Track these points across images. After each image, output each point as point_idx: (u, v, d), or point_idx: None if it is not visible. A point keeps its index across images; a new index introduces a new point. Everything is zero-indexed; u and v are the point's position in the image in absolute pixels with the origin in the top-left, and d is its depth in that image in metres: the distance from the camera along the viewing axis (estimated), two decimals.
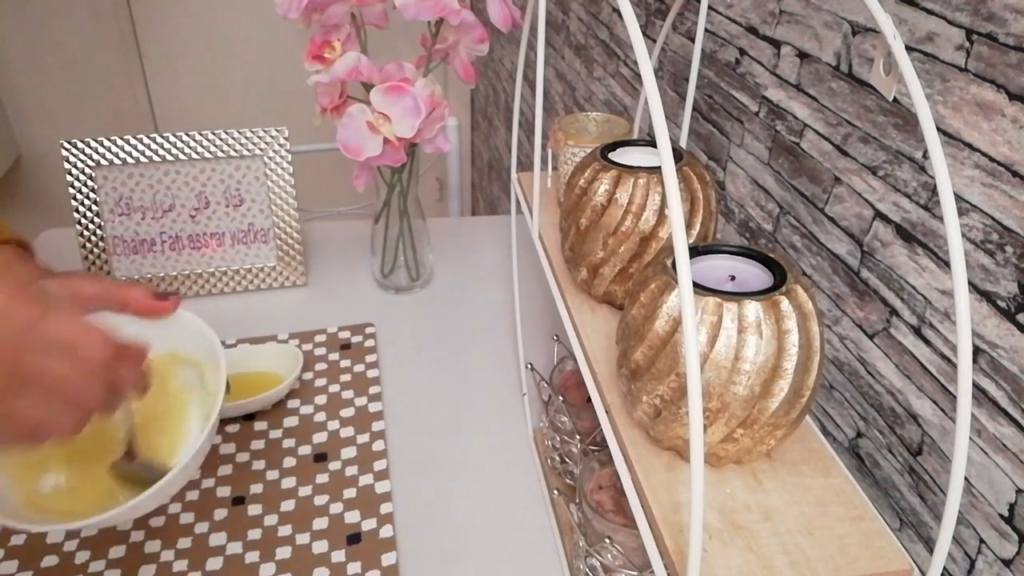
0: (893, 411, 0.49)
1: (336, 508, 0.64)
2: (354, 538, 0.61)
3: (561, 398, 0.61)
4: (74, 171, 0.88)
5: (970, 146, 0.41)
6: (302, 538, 0.61)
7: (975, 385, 0.42)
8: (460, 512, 0.65)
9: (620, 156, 0.51)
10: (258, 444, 0.70)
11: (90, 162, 0.87)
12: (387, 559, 0.59)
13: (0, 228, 0.59)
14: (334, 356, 0.82)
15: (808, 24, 0.55)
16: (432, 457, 0.70)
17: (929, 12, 0.43)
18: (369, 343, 0.84)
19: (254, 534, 0.61)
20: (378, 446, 0.70)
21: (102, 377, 0.46)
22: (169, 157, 0.88)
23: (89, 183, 0.88)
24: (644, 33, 0.87)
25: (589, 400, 0.50)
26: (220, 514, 0.63)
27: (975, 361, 0.42)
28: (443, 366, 0.82)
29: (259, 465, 0.68)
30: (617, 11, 0.96)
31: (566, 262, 0.53)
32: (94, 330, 0.46)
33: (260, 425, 0.72)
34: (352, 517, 0.63)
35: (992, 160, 0.40)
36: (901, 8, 0.45)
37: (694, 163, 0.49)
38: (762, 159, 0.63)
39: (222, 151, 0.89)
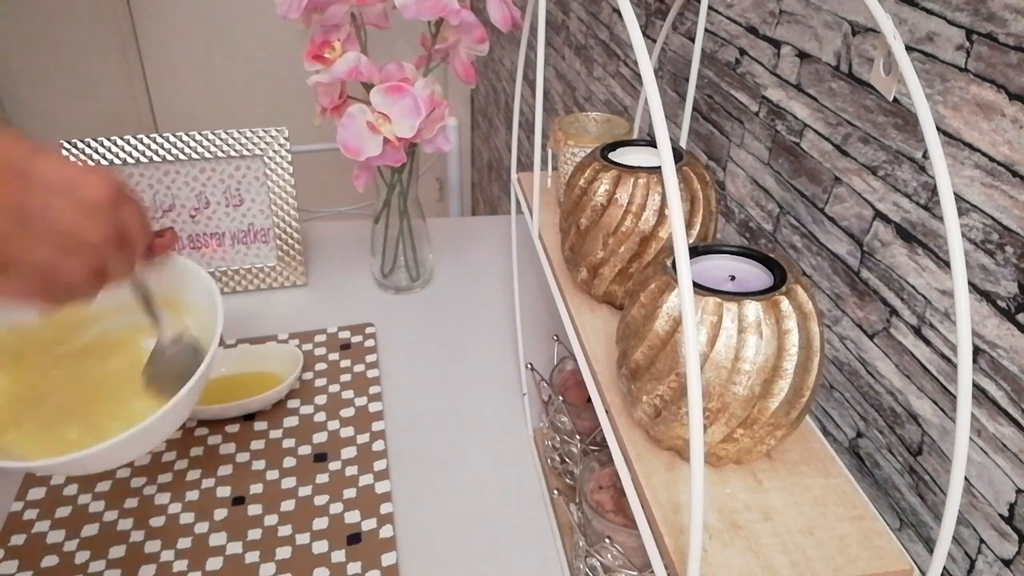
0: (893, 411, 0.49)
1: (336, 508, 0.64)
2: (354, 538, 0.61)
3: (561, 398, 0.61)
4: None
5: (970, 146, 0.41)
6: (302, 538, 0.61)
7: (975, 385, 0.42)
8: (460, 512, 0.65)
9: (620, 156, 0.51)
10: (258, 444, 0.70)
11: (90, 162, 0.87)
12: (387, 559, 0.59)
13: None
14: (334, 356, 0.82)
15: (808, 24, 0.55)
16: (432, 457, 0.70)
17: (929, 12, 0.43)
18: (369, 343, 0.84)
19: (254, 534, 0.61)
20: (378, 446, 0.70)
21: (106, 218, 0.43)
22: (169, 157, 0.88)
23: None
24: (644, 33, 0.87)
25: (589, 400, 0.50)
26: (220, 514, 0.63)
27: (975, 361, 0.42)
28: (443, 366, 0.82)
29: (259, 465, 0.68)
30: (617, 11, 0.96)
31: (566, 262, 0.53)
32: (92, 168, 0.43)
33: (260, 425, 0.72)
34: (352, 517, 0.63)
35: (992, 160, 0.40)
36: (901, 8, 0.45)
37: (694, 163, 0.49)
38: (762, 159, 0.63)
39: (222, 151, 0.89)
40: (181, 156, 0.89)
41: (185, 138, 0.88)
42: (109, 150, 0.87)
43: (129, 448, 0.48)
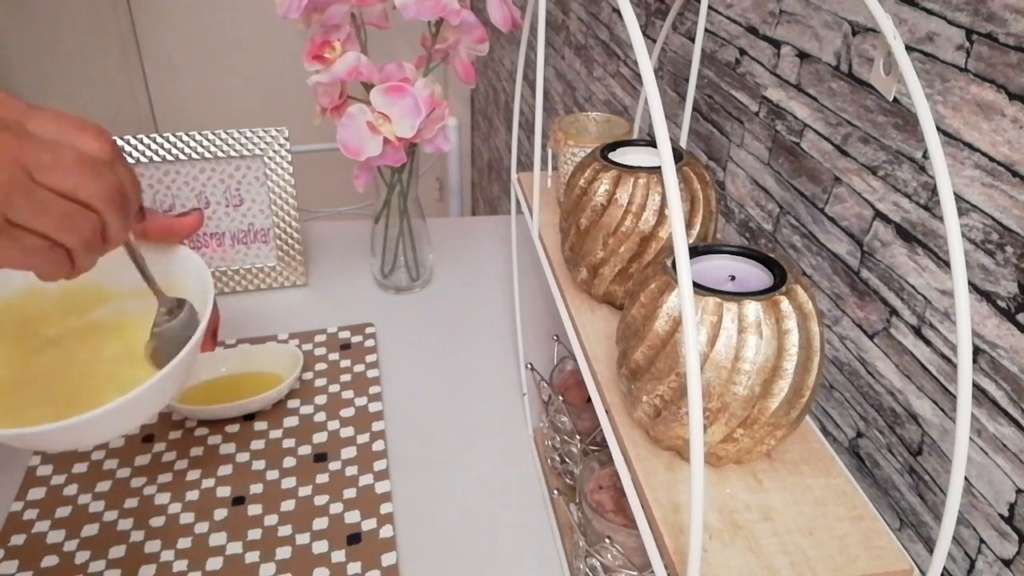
0: (893, 411, 0.49)
1: (336, 508, 0.64)
2: (354, 538, 0.61)
3: (561, 398, 0.61)
4: None
5: (970, 146, 0.41)
6: (302, 538, 0.61)
7: (975, 385, 0.42)
8: (460, 512, 0.65)
9: (620, 156, 0.51)
10: (258, 444, 0.70)
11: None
12: (387, 559, 0.59)
13: None
14: (334, 356, 0.82)
15: (808, 24, 0.55)
16: (432, 457, 0.70)
17: (929, 12, 0.43)
18: (369, 343, 0.84)
19: (254, 534, 0.61)
20: (378, 446, 0.70)
21: (106, 174, 0.42)
22: (169, 157, 0.88)
23: None
24: (644, 33, 0.87)
25: (589, 400, 0.50)
26: (220, 514, 0.63)
27: (975, 361, 0.42)
28: (443, 366, 0.83)
29: (259, 465, 0.68)
30: (617, 11, 0.96)
31: (566, 262, 0.53)
32: (85, 122, 0.42)
33: (260, 425, 0.72)
34: (352, 517, 0.63)
35: (992, 160, 0.40)
36: (901, 8, 0.45)
37: (694, 163, 0.49)
38: (762, 159, 0.63)
39: (222, 151, 0.89)
40: (181, 156, 0.89)
41: (185, 138, 0.88)
42: None
43: (92, 430, 0.46)
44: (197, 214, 0.54)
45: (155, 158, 0.88)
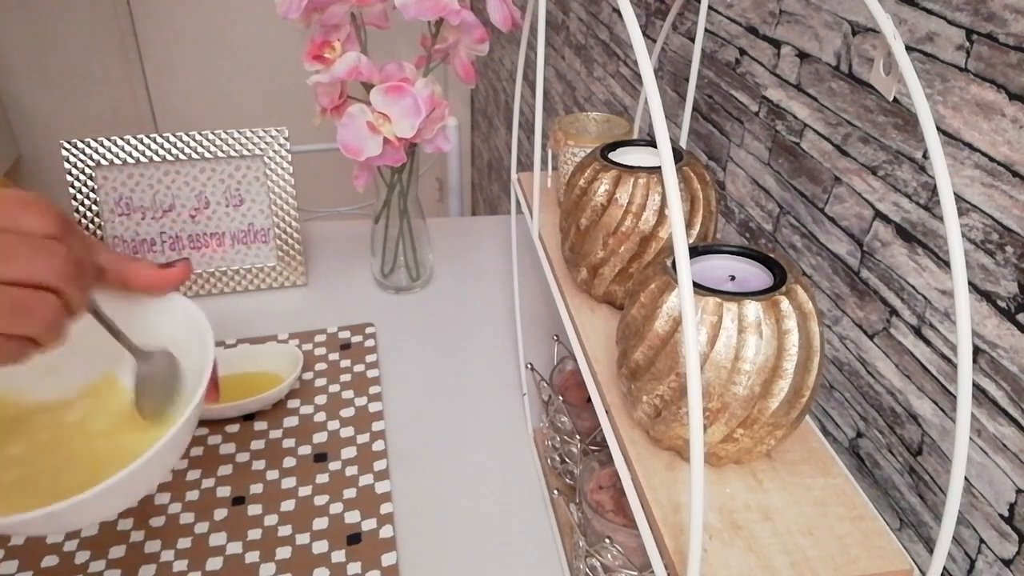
0: (893, 411, 0.49)
1: (336, 508, 0.64)
2: (354, 538, 0.61)
3: (561, 398, 0.61)
4: (74, 171, 0.88)
5: (970, 146, 0.41)
6: (302, 538, 0.61)
7: (975, 385, 0.42)
8: (460, 512, 0.65)
9: (620, 156, 0.51)
10: (258, 444, 0.70)
11: (90, 162, 0.87)
12: (387, 559, 0.59)
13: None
14: (334, 356, 0.82)
15: (808, 24, 0.55)
16: (432, 457, 0.70)
17: (929, 12, 0.43)
18: (369, 343, 0.84)
19: (254, 534, 0.61)
20: (378, 446, 0.70)
21: (55, 249, 0.40)
22: (169, 157, 0.88)
23: (89, 183, 0.88)
24: (644, 33, 0.87)
25: (589, 400, 0.50)
26: (220, 514, 0.63)
27: (975, 361, 0.42)
28: (443, 366, 0.82)
29: (259, 465, 0.68)
30: (617, 11, 0.96)
31: (566, 262, 0.53)
32: (28, 197, 0.40)
33: (260, 425, 0.72)
34: (352, 517, 0.63)
35: (992, 160, 0.40)
36: (901, 8, 0.45)
37: (694, 163, 0.49)
38: (762, 159, 0.63)
39: (222, 151, 0.89)
40: (181, 156, 0.89)
41: (185, 138, 0.88)
42: (109, 150, 0.87)
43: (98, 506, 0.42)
44: (183, 265, 0.51)
45: (155, 158, 0.88)
